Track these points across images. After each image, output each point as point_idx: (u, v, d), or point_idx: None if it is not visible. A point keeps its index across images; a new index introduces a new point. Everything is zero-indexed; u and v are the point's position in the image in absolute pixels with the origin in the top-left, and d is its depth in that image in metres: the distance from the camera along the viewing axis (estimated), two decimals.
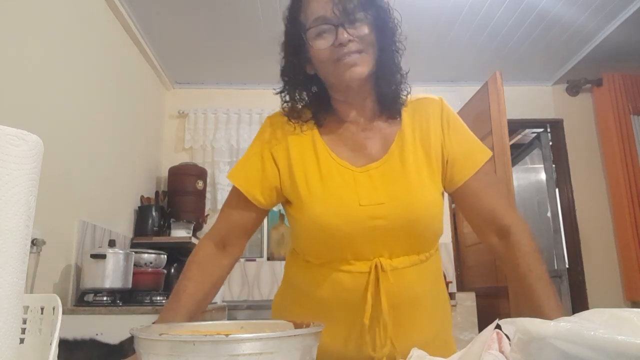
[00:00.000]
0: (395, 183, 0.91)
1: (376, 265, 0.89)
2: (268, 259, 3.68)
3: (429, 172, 0.93)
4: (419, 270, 0.94)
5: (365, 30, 0.89)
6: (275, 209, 3.69)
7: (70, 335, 0.96)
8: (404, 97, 0.98)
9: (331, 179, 0.92)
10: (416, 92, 1.03)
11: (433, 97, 1.02)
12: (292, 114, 0.99)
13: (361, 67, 0.90)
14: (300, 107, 1.00)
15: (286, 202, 1.00)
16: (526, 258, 0.91)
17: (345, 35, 0.87)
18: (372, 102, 0.98)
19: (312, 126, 0.98)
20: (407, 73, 0.98)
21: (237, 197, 0.98)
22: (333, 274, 0.92)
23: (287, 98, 0.99)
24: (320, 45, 0.90)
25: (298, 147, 0.96)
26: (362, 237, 0.89)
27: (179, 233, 3.07)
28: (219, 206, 3.62)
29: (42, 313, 0.52)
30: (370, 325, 0.89)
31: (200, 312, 0.93)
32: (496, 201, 0.96)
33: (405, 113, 0.98)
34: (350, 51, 0.88)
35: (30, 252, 1.81)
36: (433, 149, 0.95)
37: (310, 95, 0.99)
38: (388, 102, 0.97)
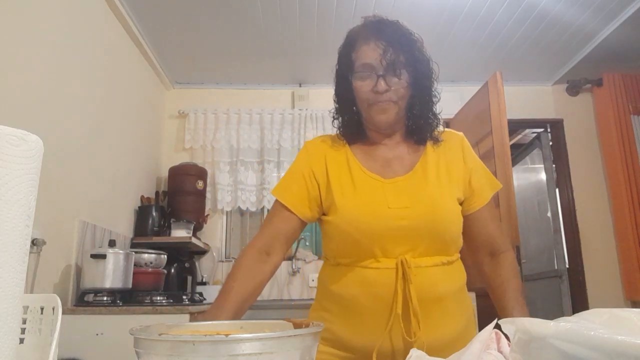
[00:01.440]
0: (419, 192, 1.05)
1: (402, 262, 0.99)
2: None
3: (449, 189, 1.07)
4: (441, 272, 1.04)
5: (403, 83, 1.05)
6: None
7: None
8: (434, 134, 1.14)
9: (363, 188, 1.06)
10: None
11: (456, 132, 1.20)
12: (342, 130, 1.16)
13: (389, 114, 1.07)
14: (344, 126, 1.16)
15: (323, 214, 1.11)
16: (507, 271, 1.10)
17: (383, 85, 1.03)
18: (401, 134, 1.14)
19: (345, 146, 1.15)
20: (440, 114, 1.16)
21: (280, 210, 1.11)
22: (362, 271, 1.02)
23: (337, 115, 1.17)
24: (361, 87, 1.06)
25: (334, 163, 1.12)
26: (389, 234, 1.01)
27: (179, 233, 3.07)
28: (219, 206, 3.63)
29: (42, 313, 0.52)
30: (403, 315, 0.98)
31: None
32: (497, 230, 1.14)
33: (429, 142, 1.14)
34: (384, 100, 1.05)
35: (30, 252, 1.82)
36: (454, 174, 1.10)
37: (348, 118, 1.15)
38: (416, 137, 1.14)
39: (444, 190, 1.06)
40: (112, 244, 2.30)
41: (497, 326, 0.61)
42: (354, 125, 1.15)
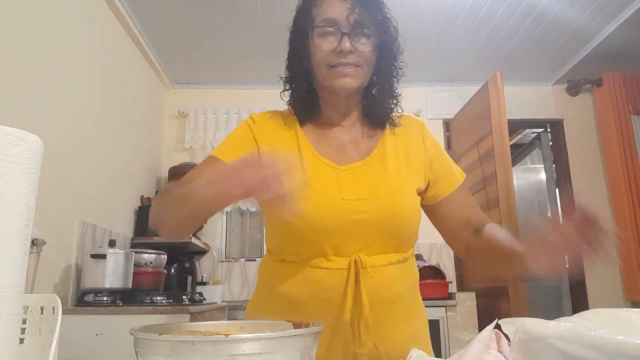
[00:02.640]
0: (377, 181, 0.94)
1: (355, 261, 0.89)
2: None
3: (409, 178, 0.97)
4: (396, 270, 0.94)
5: (368, 47, 0.92)
6: None
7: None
8: (392, 117, 1.01)
9: (315, 176, 0.93)
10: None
11: (415, 117, 1.08)
12: (294, 104, 1.02)
13: (352, 79, 0.92)
14: (295, 99, 1.02)
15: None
16: (500, 230, 0.95)
17: (348, 44, 0.89)
18: (357, 112, 1.02)
19: (295, 125, 1.00)
20: (400, 95, 1.01)
21: (211, 163, 0.96)
22: (311, 272, 0.91)
23: (288, 86, 1.02)
24: (322, 46, 0.92)
25: (283, 144, 0.97)
26: (344, 230, 0.89)
27: None
28: None
29: (42, 313, 0.52)
30: (352, 322, 0.88)
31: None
32: (475, 208, 1.04)
33: (387, 125, 1.02)
34: (348, 62, 0.91)
35: (30, 252, 1.82)
36: (414, 161, 0.99)
37: (301, 90, 1.00)
38: (373, 117, 1.01)
39: (404, 180, 0.95)
40: (112, 244, 2.30)
41: (497, 326, 0.61)
42: (307, 100, 1.00)
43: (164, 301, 2.27)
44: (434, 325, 2.79)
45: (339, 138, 0.99)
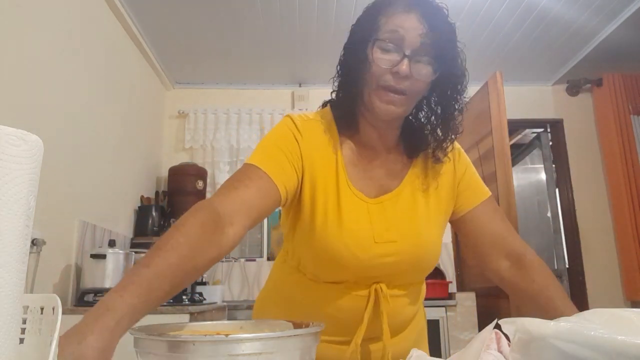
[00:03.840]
0: (407, 220, 0.91)
1: (376, 290, 0.89)
2: (268, 259, 3.68)
3: (436, 209, 0.94)
4: (410, 297, 0.97)
5: (426, 77, 0.85)
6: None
7: None
8: (444, 150, 0.94)
9: (347, 211, 0.88)
10: None
11: None
12: (338, 107, 0.95)
13: (396, 107, 0.86)
14: (340, 106, 0.95)
15: (292, 214, 0.94)
16: (543, 276, 0.91)
17: (406, 68, 0.82)
18: (395, 135, 0.96)
19: (336, 139, 0.93)
20: (461, 132, 0.95)
21: (258, 177, 0.83)
22: (328, 289, 0.91)
23: (339, 90, 0.95)
24: (380, 62, 0.84)
25: (324, 167, 0.90)
26: (371, 268, 0.89)
27: None
28: None
29: (42, 313, 0.52)
30: (362, 345, 0.89)
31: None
32: (507, 227, 0.98)
33: (423, 155, 0.98)
34: (397, 88, 0.84)
35: (30, 252, 1.82)
36: (444, 191, 0.96)
37: (347, 98, 0.93)
38: (411, 143, 0.96)
39: (432, 216, 0.93)
40: (112, 244, 2.30)
41: (497, 326, 0.61)
42: (347, 112, 0.93)
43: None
44: (434, 325, 2.80)
45: (372, 163, 0.94)
